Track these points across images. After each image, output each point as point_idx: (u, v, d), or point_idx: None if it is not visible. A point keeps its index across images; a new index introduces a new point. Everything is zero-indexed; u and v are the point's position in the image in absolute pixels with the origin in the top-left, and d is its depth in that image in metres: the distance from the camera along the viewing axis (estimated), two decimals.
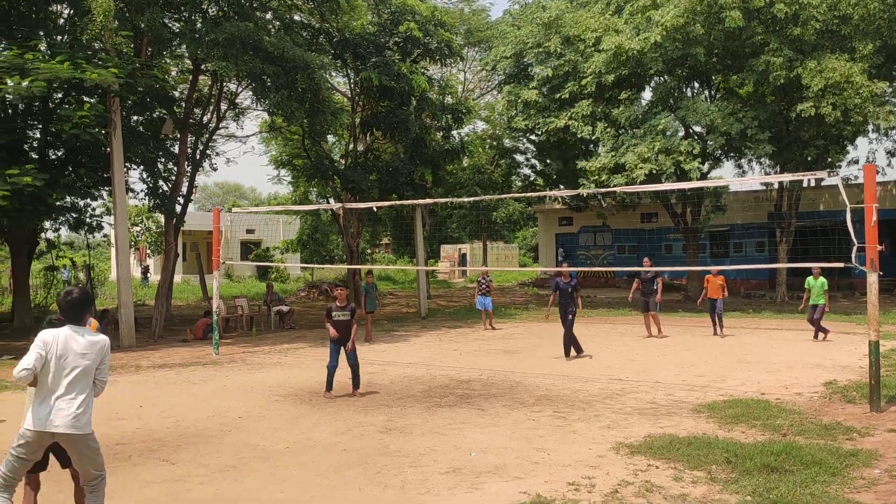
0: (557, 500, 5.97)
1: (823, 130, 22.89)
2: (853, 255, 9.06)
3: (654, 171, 21.71)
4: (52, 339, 4.97)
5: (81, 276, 27.99)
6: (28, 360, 4.88)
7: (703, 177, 23.35)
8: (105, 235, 28.63)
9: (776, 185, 27.65)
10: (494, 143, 36.50)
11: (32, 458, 5.02)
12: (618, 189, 16.67)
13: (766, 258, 29.65)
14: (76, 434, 4.91)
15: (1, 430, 8.60)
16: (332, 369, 10.64)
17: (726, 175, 44.15)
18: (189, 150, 21.64)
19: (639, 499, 5.98)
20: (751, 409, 9.06)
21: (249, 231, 47.63)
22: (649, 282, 17.04)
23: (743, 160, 28.16)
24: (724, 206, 27.79)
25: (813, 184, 30.39)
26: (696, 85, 27.27)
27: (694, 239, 27.51)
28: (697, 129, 24.52)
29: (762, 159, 27.05)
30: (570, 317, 13.97)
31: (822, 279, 15.83)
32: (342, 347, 10.60)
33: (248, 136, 53.29)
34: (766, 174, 27.94)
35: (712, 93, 27.01)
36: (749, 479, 6.31)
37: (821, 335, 15.87)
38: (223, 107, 24.75)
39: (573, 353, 14.15)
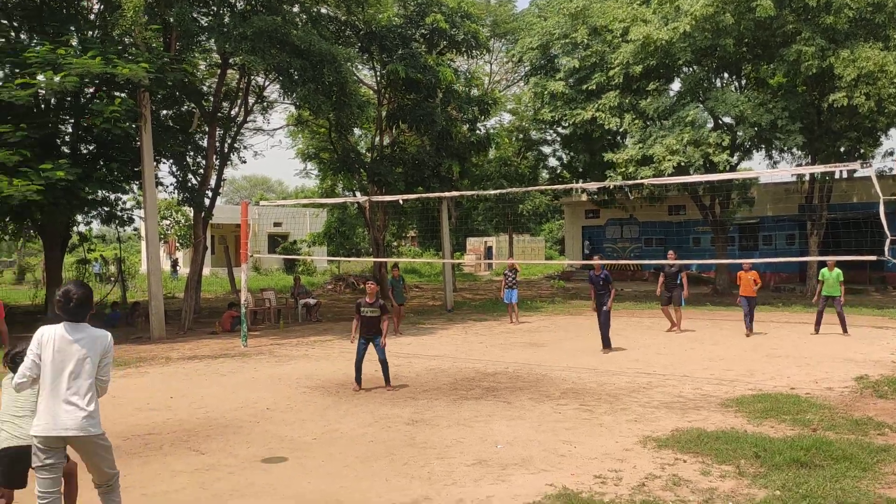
0: (584, 492, 5.96)
1: (856, 121, 22.49)
2: (886, 248, 8.92)
3: (682, 163, 21.49)
4: (46, 340, 4.68)
5: (113, 268, 28.40)
6: (24, 368, 4.66)
7: (733, 168, 23.08)
8: (135, 229, 28.98)
9: (807, 177, 27.25)
10: (521, 135, 36.36)
11: (55, 462, 4.69)
12: (645, 181, 16.56)
13: (797, 251, 29.26)
14: (88, 436, 4.65)
15: None
16: (358, 364, 10.58)
17: (756, 167, 43.57)
18: (217, 144, 21.83)
19: (666, 492, 5.95)
20: (780, 404, 8.97)
21: (277, 224, 47.99)
22: (674, 276, 16.87)
23: (773, 151, 27.77)
24: (754, 199, 27.43)
25: (845, 175, 29.90)
26: (726, 75, 26.91)
27: (722, 231, 27.21)
28: (727, 120, 24.22)
29: (793, 150, 26.65)
30: (603, 308, 13.90)
31: (837, 271, 15.64)
32: (370, 343, 10.55)
33: (275, 130, 53.84)
34: (797, 166, 27.53)
35: (742, 83, 26.65)
36: (778, 473, 6.25)
37: (818, 328, 15.83)
38: (251, 100, 24.93)
39: (602, 347, 14.06)
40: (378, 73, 26.68)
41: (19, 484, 5.18)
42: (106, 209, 22.29)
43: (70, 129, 19.58)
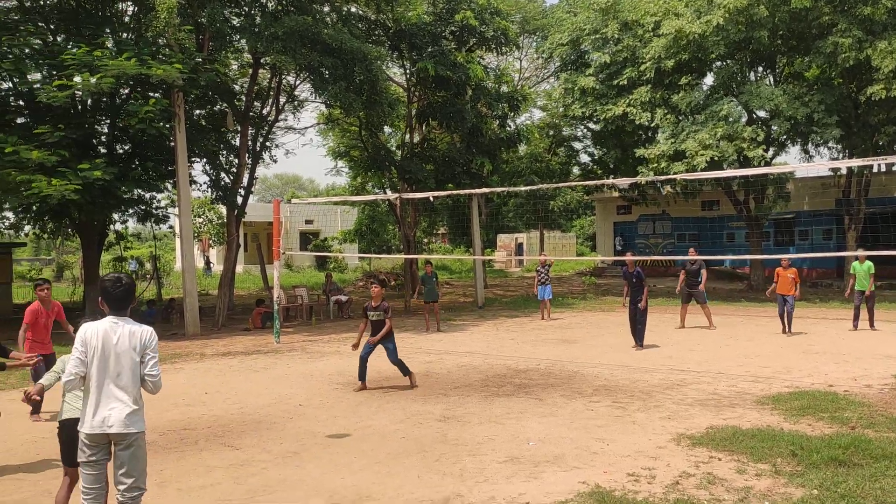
0: (617, 490, 5.92)
1: (894, 115, 22.02)
2: None
3: (715, 158, 21.20)
4: (90, 337, 4.63)
5: (148, 266, 28.85)
6: (71, 367, 4.64)
7: (768, 163, 22.71)
8: (170, 227, 29.41)
9: (844, 171, 26.74)
10: (552, 131, 36.15)
11: (99, 459, 4.67)
12: (678, 176, 16.34)
13: (834, 246, 28.73)
14: (130, 432, 4.62)
15: None
16: (363, 360, 10.40)
17: (791, 161, 42.85)
18: (249, 143, 22.06)
19: (701, 491, 5.88)
20: (818, 402, 8.82)
21: (308, 222, 48.35)
22: (695, 273, 16.65)
23: (809, 145, 27.29)
24: (789, 194, 26.99)
25: (883, 169, 29.29)
26: (760, 69, 26.49)
27: (757, 227, 26.81)
28: (761, 114, 23.85)
29: (829, 144, 26.17)
30: (636, 306, 13.78)
31: (868, 263, 15.36)
32: (378, 345, 10.35)
33: (306, 128, 54.18)
34: (834, 159, 27.02)
35: (777, 76, 26.22)
36: (816, 472, 6.15)
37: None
38: (282, 99, 25.14)
39: (635, 344, 13.95)
40: (408, 71, 26.72)
41: (76, 460, 5.00)
42: (142, 208, 22.67)
43: (106, 130, 19.92)
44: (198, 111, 22.22)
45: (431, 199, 22.28)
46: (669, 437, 7.49)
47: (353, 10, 23.07)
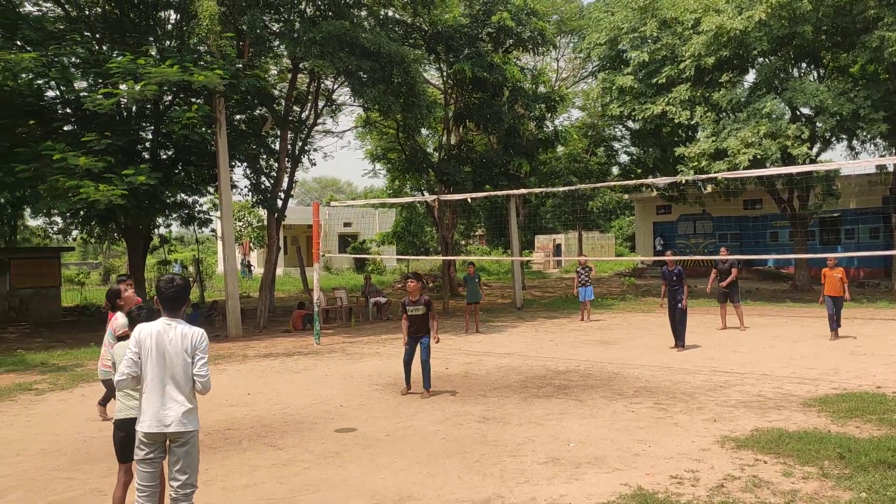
0: (660, 493, 5.86)
1: None
2: None
3: (758, 157, 20.82)
4: (144, 338, 4.75)
5: (191, 269, 29.35)
6: (123, 367, 4.74)
7: (812, 161, 22.23)
8: (212, 230, 29.88)
9: (891, 168, 26.05)
10: (590, 131, 35.88)
11: (155, 457, 4.80)
12: (718, 175, 16.08)
13: (882, 244, 28.01)
14: (186, 431, 4.73)
15: None
16: (407, 364, 10.28)
17: (836, 158, 41.91)
18: (289, 147, 22.32)
19: (746, 494, 5.79)
20: (866, 403, 8.63)
21: (347, 224, 48.71)
22: (727, 272, 16.43)
23: (855, 142, 26.66)
24: (838, 192, 26.36)
25: None
26: (803, 64, 25.96)
27: (802, 226, 26.27)
28: (805, 110, 23.37)
29: (876, 140, 25.54)
30: (679, 305, 13.61)
31: None
32: (418, 343, 10.18)
33: (344, 132, 54.74)
34: (881, 156, 26.34)
35: (821, 72, 25.68)
36: (864, 475, 6.01)
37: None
38: (320, 103, 25.39)
39: (675, 345, 13.78)
40: (445, 73, 26.79)
41: (130, 457, 5.16)
42: (185, 212, 23.11)
43: (150, 136, 20.35)
44: (238, 116, 22.57)
45: (469, 200, 22.31)
46: (713, 440, 7.39)
47: (391, 13, 23.23)
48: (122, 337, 6.11)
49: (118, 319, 7.33)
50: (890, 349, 13.07)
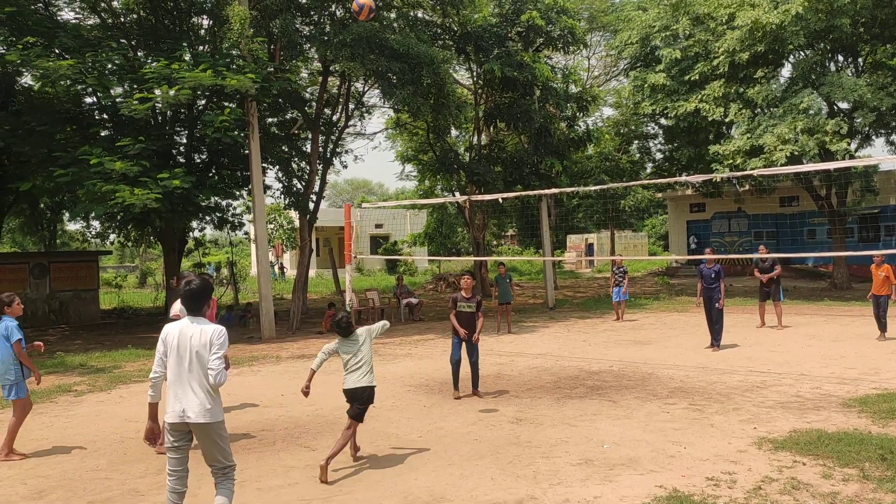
0: (696, 495, 5.77)
1: None
2: None
3: (795, 153, 20.45)
4: (169, 335, 5.08)
5: (225, 271, 29.69)
6: (154, 366, 5.15)
7: (852, 156, 21.77)
8: (245, 233, 30.22)
9: None
10: (623, 129, 35.58)
11: (182, 445, 5.08)
12: (754, 172, 15.80)
13: None
14: (206, 423, 4.97)
15: None
16: (455, 364, 10.04)
17: (876, 154, 41.01)
18: (320, 149, 22.46)
19: (784, 496, 5.68)
20: None
21: (378, 226, 48.92)
22: (767, 270, 16.27)
23: (895, 136, 26.07)
24: (877, 188, 25.79)
25: None
26: (840, 58, 25.45)
27: (840, 223, 25.75)
28: (843, 105, 22.90)
29: None
30: (716, 304, 13.42)
31: None
32: (465, 341, 9.97)
33: (374, 133, 54.91)
34: None
35: (859, 66, 25.15)
36: None
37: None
38: (351, 105, 25.51)
39: (711, 344, 13.59)
40: (474, 73, 26.75)
41: (361, 418, 7.07)
42: (218, 215, 23.36)
43: (184, 140, 20.61)
44: (270, 119, 22.76)
45: (500, 200, 22.21)
46: (750, 441, 7.27)
47: (420, 14, 23.25)
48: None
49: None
50: None
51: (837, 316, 18.52)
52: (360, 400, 7.09)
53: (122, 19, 20.30)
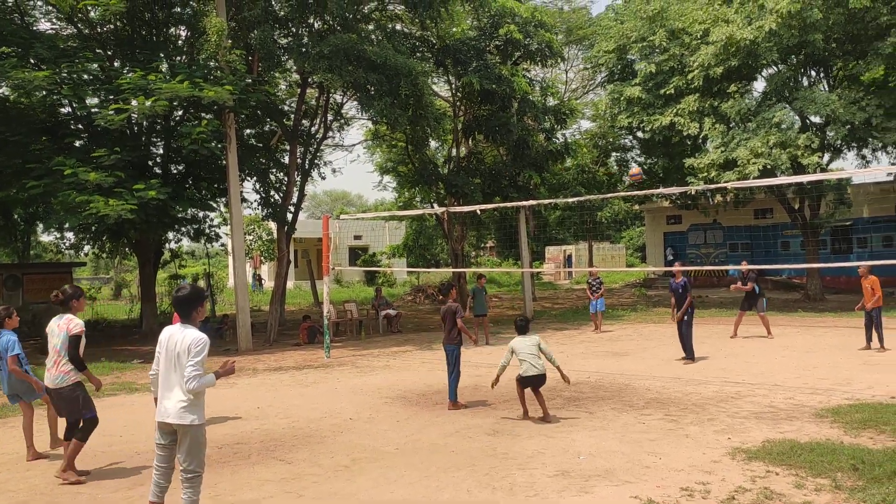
0: None
1: None
2: None
3: (767, 167, 20.73)
4: (163, 338, 5.47)
5: (202, 283, 29.46)
6: (154, 364, 5.59)
7: (823, 170, 22.11)
8: (222, 245, 30.04)
9: None
10: (601, 141, 35.87)
11: (167, 443, 5.42)
12: (728, 184, 15.99)
13: (895, 253, 27.80)
14: (182, 424, 5.25)
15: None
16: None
17: (847, 166, 41.69)
18: (298, 161, 22.42)
19: None
20: (880, 414, 8.54)
21: (357, 237, 48.80)
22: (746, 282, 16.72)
23: (866, 150, 26.52)
24: (850, 201, 26.19)
25: None
26: (813, 73, 25.88)
27: (813, 235, 26.11)
28: (816, 119, 23.27)
29: (888, 148, 25.39)
30: (685, 318, 13.56)
31: None
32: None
33: (353, 145, 54.92)
34: (893, 164, 26.19)
35: (831, 81, 25.59)
36: (878, 487, 5.94)
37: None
38: (329, 117, 25.51)
39: (685, 357, 13.68)
40: (453, 86, 26.86)
41: (528, 387, 9.18)
42: (195, 226, 23.20)
43: (161, 151, 20.49)
44: (248, 131, 22.70)
45: (478, 212, 22.29)
46: (724, 451, 7.33)
47: (398, 27, 23.34)
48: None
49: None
50: None
51: (811, 327, 18.75)
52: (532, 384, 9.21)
53: (99, 30, 20.18)
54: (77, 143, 18.87)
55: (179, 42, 21.49)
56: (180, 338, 5.33)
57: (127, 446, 8.52)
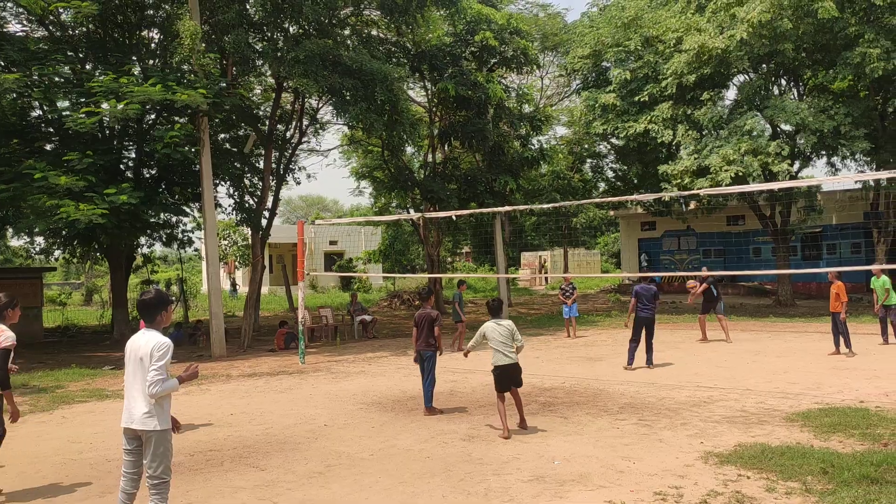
0: None
1: None
2: None
3: (739, 174, 20.99)
4: (128, 344, 5.44)
5: (175, 289, 29.17)
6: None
7: (793, 177, 22.45)
8: (196, 250, 29.76)
9: (872, 184, 26.35)
10: (576, 148, 36.10)
11: (133, 448, 5.36)
12: (701, 191, 16.23)
13: (863, 260, 28.26)
14: (144, 430, 5.23)
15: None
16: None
17: (817, 174, 42.35)
18: (273, 165, 22.29)
19: None
20: (848, 418, 8.67)
21: (332, 242, 48.59)
22: (709, 288, 17.10)
23: (835, 158, 26.97)
24: (820, 208, 26.60)
25: None
26: (783, 82, 26.28)
27: (784, 241, 26.47)
28: (786, 127, 23.63)
29: (857, 156, 25.85)
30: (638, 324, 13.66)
31: (884, 278, 15.07)
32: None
33: (329, 150, 54.66)
34: (861, 171, 26.65)
35: (801, 90, 25.99)
36: (847, 490, 6.03)
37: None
38: (305, 122, 25.41)
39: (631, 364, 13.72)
40: (429, 92, 26.91)
41: (506, 388, 8.78)
42: (167, 231, 22.96)
43: (133, 155, 20.26)
44: (222, 135, 22.53)
45: (454, 217, 22.35)
46: (697, 455, 7.40)
47: (374, 33, 23.33)
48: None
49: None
50: (872, 363, 13.15)
51: (782, 332, 18.99)
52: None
53: (71, 32, 19.93)
54: (48, 147, 18.61)
55: (152, 45, 21.28)
56: (143, 342, 5.28)
57: (97, 454, 8.39)
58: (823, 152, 24.97)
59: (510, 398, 8.86)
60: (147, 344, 5.24)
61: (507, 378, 8.76)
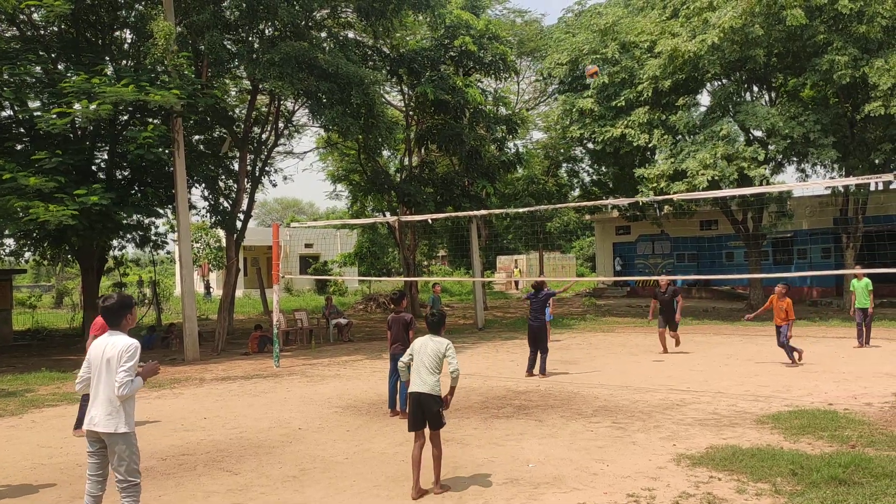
0: None
1: (891, 132, 22.20)
2: None
3: (716, 178, 21.23)
4: (92, 348, 5.38)
5: (148, 292, 28.85)
6: (81, 371, 5.44)
7: (768, 182, 22.77)
8: (169, 252, 29.46)
9: (841, 189, 26.82)
10: (552, 152, 36.24)
11: (97, 451, 5.33)
12: (676, 196, 16.34)
13: (833, 265, 28.73)
14: (109, 433, 5.19)
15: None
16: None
17: (788, 180, 42.98)
18: (248, 168, 22.14)
19: None
20: (817, 420, 8.80)
21: (308, 245, 48.38)
22: (668, 301, 16.14)
23: (805, 164, 27.40)
24: (791, 213, 26.99)
25: (881, 187, 29.38)
26: (756, 88, 26.66)
27: (756, 246, 26.82)
28: (758, 133, 23.96)
29: (826, 162, 26.28)
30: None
31: (865, 280, 15.36)
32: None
33: (305, 153, 54.36)
34: (831, 177, 27.10)
35: (772, 96, 26.37)
36: (816, 491, 6.12)
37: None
38: (280, 124, 25.28)
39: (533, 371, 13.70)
40: (406, 95, 26.91)
41: (418, 426, 6.65)
42: (140, 233, 22.70)
43: (105, 156, 20.01)
44: (197, 137, 22.33)
45: (430, 221, 22.35)
46: (669, 458, 7.47)
47: (351, 36, 23.28)
48: None
49: None
50: (841, 367, 13.37)
51: (753, 336, 19.22)
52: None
53: (43, 32, 19.66)
54: (18, 147, 18.32)
55: (125, 46, 21.06)
56: (108, 345, 5.26)
57: (67, 458, 8.28)
58: (794, 158, 25.37)
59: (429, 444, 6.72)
60: (114, 346, 5.23)
61: (420, 412, 6.67)
